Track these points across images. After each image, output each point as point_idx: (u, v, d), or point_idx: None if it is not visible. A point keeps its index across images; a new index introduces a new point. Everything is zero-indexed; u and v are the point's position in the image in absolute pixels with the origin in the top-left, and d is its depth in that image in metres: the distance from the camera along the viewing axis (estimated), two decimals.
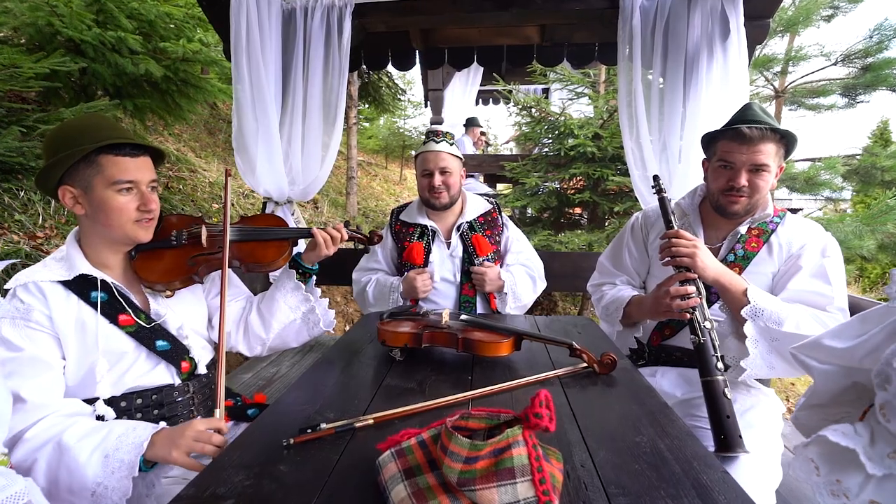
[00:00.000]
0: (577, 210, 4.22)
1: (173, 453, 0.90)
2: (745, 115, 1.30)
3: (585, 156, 3.58)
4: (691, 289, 1.21)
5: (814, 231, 1.32)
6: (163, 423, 1.02)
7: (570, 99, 4.31)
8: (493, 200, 2.05)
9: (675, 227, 1.30)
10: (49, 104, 2.87)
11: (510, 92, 4.53)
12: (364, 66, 2.81)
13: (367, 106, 8.50)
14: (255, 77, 2.15)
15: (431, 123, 5.01)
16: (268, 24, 2.18)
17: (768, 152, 1.24)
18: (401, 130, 11.64)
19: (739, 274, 1.32)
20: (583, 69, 4.07)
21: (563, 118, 3.86)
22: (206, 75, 3.66)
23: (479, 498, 0.58)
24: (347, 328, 4.10)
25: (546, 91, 6.00)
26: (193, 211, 3.53)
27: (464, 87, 5.89)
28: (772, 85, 4.75)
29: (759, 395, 1.31)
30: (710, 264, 1.23)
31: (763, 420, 1.22)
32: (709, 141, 1.39)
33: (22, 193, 2.45)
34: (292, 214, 2.48)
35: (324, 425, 0.85)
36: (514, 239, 1.98)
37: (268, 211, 2.45)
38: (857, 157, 4.02)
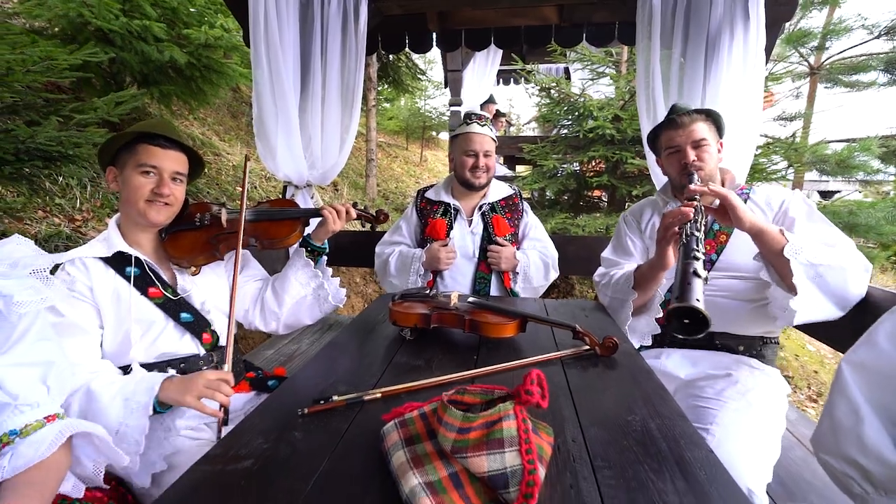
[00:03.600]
0: (597, 193, 4.18)
1: (187, 397, 1.00)
2: (673, 111, 1.51)
3: (605, 138, 3.52)
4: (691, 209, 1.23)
5: (783, 190, 1.47)
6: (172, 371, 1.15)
7: (592, 79, 4.21)
8: (516, 188, 2.10)
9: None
10: (81, 92, 3.00)
11: (530, 72, 4.47)
12: (381, 50, 2.83)
13: (386, 87, 8.47)
14: (274, 63, 2.20)
15: (450, 105, 5.00)
16: (285, 11, 2.22)
17: (701, 129, 1.45)
18: (421, 111, 11.58)
19: (726, 240, 1.42)
20: (604, 48, 3.98)
21: (582, 99, 3.79)
22: (228, 60, 3.73)
23: (470, 464, 0.64)
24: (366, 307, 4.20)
25: (567, 70, 5.87)
26: (218, 194, 3.66)
27: (483, 67, 5.82)
28: (807, 61, 4.49)
29: (762, 377, 1.32)
30: (748, 212, 1.23)
31: (764, 400, 1.24)
32: (653, 140, 1.61)
33: (61, 179, 2.60)
34: (311, 198, 2.55)
35: (335, 397, 0.92)
36: (533, 226, 2.04)
37: (288, 195, 2.53)
38: None
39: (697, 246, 1.12)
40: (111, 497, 0.96)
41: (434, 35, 2.74)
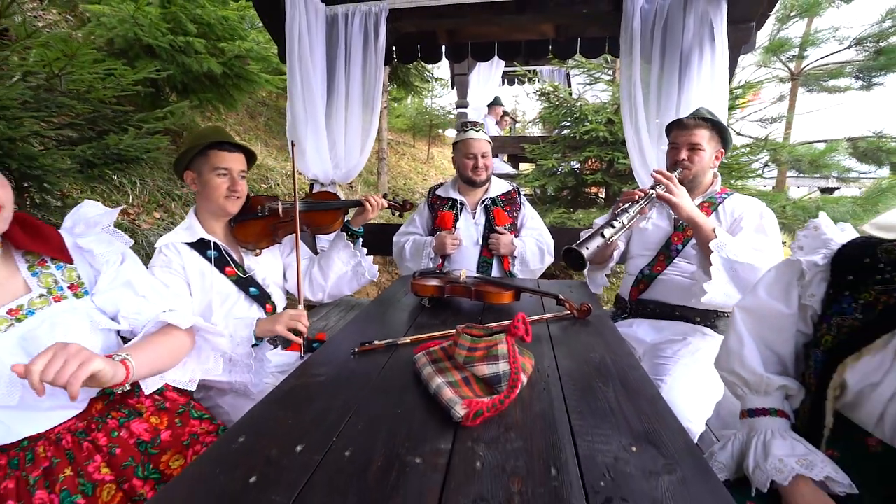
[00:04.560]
0: (593, 189, 4.48)
1: (276, 326, 1.36)
2: (692, 114, 1.74)
3: (599, 139, 3.82)
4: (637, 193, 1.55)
5: (752, 202, 1.69)
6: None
7: (589, 84, 4.50)
8: (514, 184, 2.43)
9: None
10: (126, 100, 3.34)
11: (533, 73, 4.77)
12: (396, 60, 3.15)
13: (395, 87, 8.77)
14: (305, 76, 2.52)
15: (457, 107, 5.31)
16: (315, 30, 2.54)
17: (701, 135, 1.68)
18: (428, 109, 11.85)
19: (692, 234, 1.66)
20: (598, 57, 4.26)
21: (579, 104, 4.09)
22: (246, 64, 4.06)
23: (476, 370, 0.96)
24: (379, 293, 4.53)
25: (568, 76, 6.16)
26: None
27: (488, 71, 6.12)
28: (787, 68, 4.77)
29: (712, 342, 1.63)
30: (688, 204, 1.51)
31: (710, 358, 1.55)
32: (668, 131, 1.83)
33: (115, 178, 2.95)
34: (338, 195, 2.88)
35: (377, 341, 1.25)
36: (530, 217, 2.35)
37: (314, 191, 2.86)
38: (868, 138, 4.08)
39: (621, 216, 1.45)
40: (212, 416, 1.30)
41: (444, 48, 3.05)
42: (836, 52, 4.44)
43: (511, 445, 0.79)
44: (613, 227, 1.42)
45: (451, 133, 13.81)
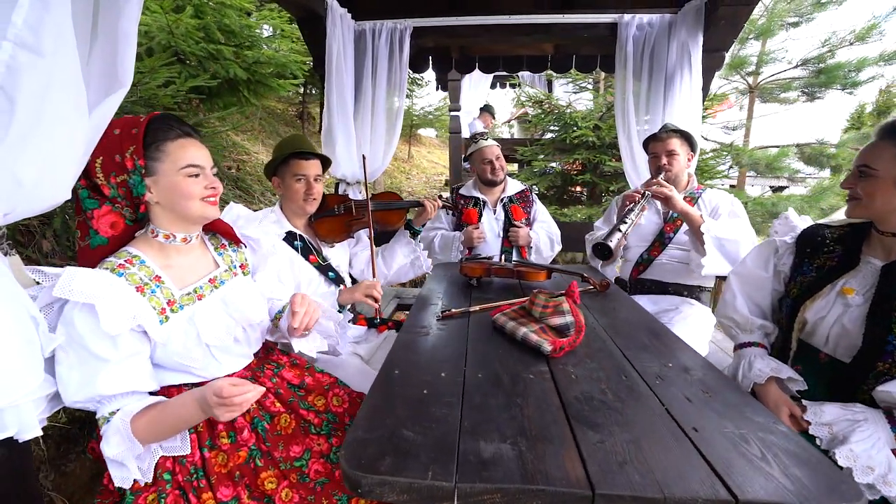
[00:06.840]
0: (578, 188, 4.93)
1: (356, 294, 1.68)
2: (661, 129, 2.16)
3: (586, 143, 4.26)
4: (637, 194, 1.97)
5: (724, 195, 2.13)
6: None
7: (574, 92, 4.95)
8: (526, 184, 2.80)
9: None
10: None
11: (514, 78, 5.14)
12: (410, 70, 3.45)
13: None
14: (339, 87, 2.78)
15: (450, 111, 5.64)
16: (347, 44, 2.81)
17: (674, 143, 2.09)
18: (410, 111, 12.08)
19: (681, 224, 2.09)
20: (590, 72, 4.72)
21: (569, 111, 4.52)
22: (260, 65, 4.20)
23: (550, 321, 1.32)
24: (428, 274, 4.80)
25: (549, 82, 6.63)
26: (250, 188, 4.19)
27: (480, 76, 6.48)
28: (746, 81, 5.44)
29: (696, 310, 2.05)
30: (679, 198, 1.92)
31: (695, 323, 1.96)
32: (646, 146, 2.23)
33: None
34: (360, 193, 3.16)
35: (453, 310, 1.58)
36: (541, 212, 2.74)
37: (340, 190, 3.13)
38: (812, 145, 4.76)
39: (629, 215, 1.86)
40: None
41: (454, 60, 3.39)
42: (785, 70, 5.13)
43: (589, 366, 1.16)
44: (626, 223, 1.81)
45: (425, 132, 14.16)
